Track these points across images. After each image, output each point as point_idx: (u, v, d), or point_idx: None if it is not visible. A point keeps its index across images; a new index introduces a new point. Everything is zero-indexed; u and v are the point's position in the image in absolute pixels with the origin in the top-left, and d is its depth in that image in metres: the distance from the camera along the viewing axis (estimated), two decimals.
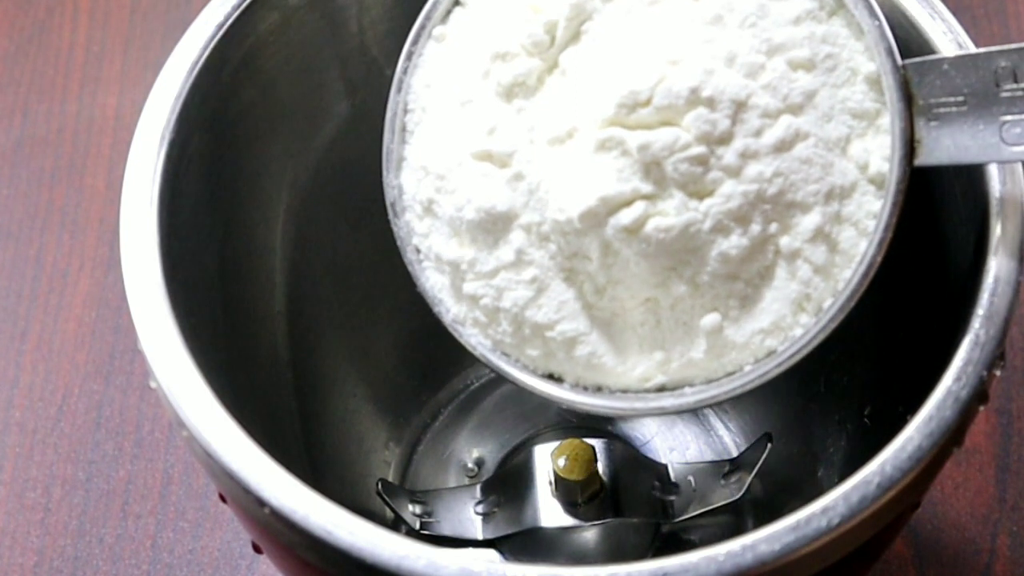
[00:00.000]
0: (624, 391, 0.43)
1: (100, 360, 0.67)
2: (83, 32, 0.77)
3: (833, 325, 0.41)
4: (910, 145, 0.41)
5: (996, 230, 0.42)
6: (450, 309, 0.44)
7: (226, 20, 0.47)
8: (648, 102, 0.40)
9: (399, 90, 0.45)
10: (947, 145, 0.40)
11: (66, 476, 0.65)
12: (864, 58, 0.42)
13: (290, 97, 0.51)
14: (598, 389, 0.44)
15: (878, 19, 0.41)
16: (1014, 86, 0.39)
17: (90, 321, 0.69)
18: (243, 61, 0.48)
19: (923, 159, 0.41)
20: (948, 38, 0.44)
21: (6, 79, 0.76)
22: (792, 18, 0.42)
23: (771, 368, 0.42)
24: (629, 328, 0.43)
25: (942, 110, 0.40)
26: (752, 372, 0.42)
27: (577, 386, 0.44)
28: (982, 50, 0.40)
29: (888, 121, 0.41)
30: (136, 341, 0.42)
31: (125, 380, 0.67)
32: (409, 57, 0.45)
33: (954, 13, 0.45)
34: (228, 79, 0.48)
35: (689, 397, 0.43)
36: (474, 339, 0.44)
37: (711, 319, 0.42)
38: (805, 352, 0.42)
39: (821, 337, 0.41)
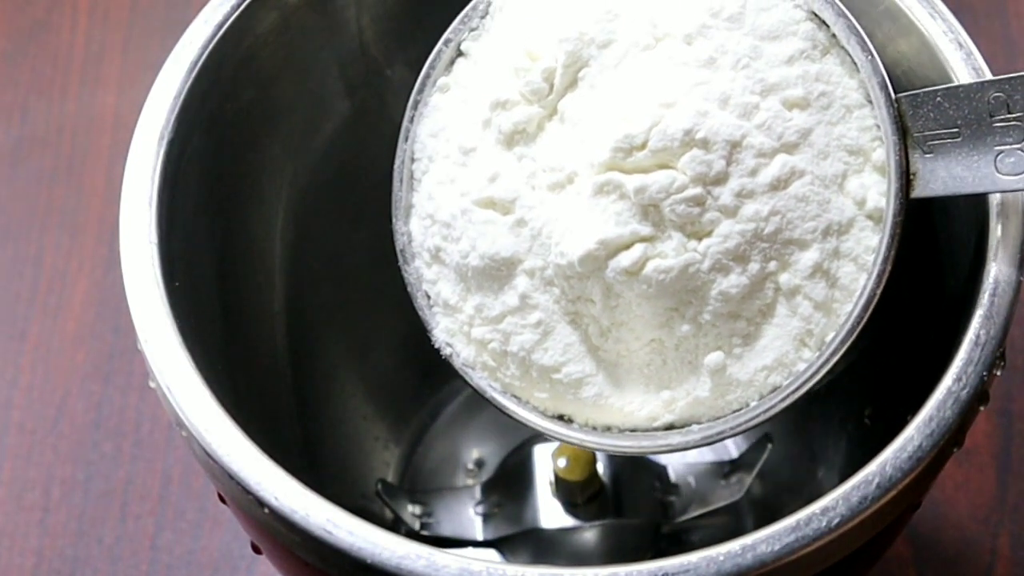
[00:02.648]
0: (632, 430, 0.44)
1: (99, 360, 0.67)
2: (82, 32, 0.77)
3: (835, 358, 0.42)
4: (906, 178, 0.41)
5: (996, 231, 0.42)
6: (460, 353, 0.45)
7: (225, 20, 0.47)
8: (644, 145, 0.40)
9: (406, 139, 0.45)
10: (942, 176, 0.41)
11: (65, 476, 0.65)
12: (858, 95, 0.42)
13: (290, 97, 0.51)
14: (607, 429, 0.44)
15: (871, 53, 0.41)
16: (1007, 116, 0.39)
17: (89, 321, 0.68)
18: (242, 61, 0.48)
19: (919, 191, 0.41)
20: (948, 38, 0.44)
21: (5, 79, 0.76)
22: (785, 58, 0.42)
23: (776, 403, 0.42)
24: (635, 369, 0.43)
25: (936, 142, 0.41)
26: (757, 408, 0.42)
27: (586, 426, 0.44)
28: (974, 81, 0.40)
29: (883, 156, 0.42)
30: (136, 341, 0.42)
31: (124, 380, 0.67)
32: (415, 107, 0.45)
33: (954, 13, 0.45)
34: (227, 79, 0.48)
35: (696, 434, 0.43)
36: (484, 382, 0.45)
37: (714, 358, 0.42)
38: (809, 386, 0.42)
39: (824, 370, 0.42)
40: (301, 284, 0.55)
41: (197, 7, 0.47)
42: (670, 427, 0.43)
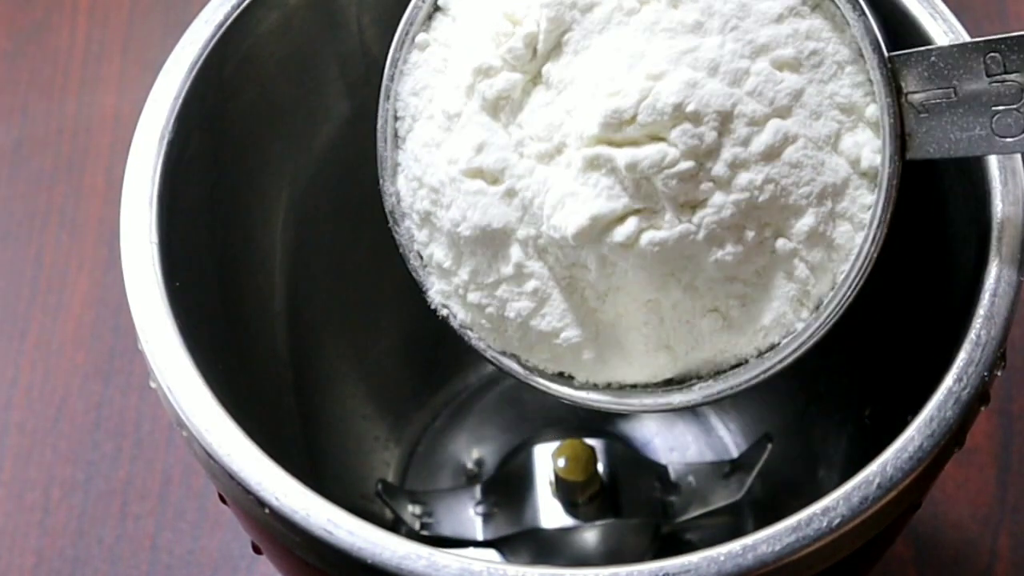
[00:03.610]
0: (634, 386, 0.44)
1: (99, 360, 0.67)
2: (82, 32, 0.77)
3: (833, 319, 0.41)
4: (901, 139, 0.41)
5: (997, 231, 0.42)
6: (457, 315, 0.45)
7: (225, 20, 0.47)
8: (633, 119, 0.40)
9: (387, 97, 0.45)
10: (938, 138, 0.40)
11: (65, 477, 0.65)
12: (849, 50, 0.42)
13: (290, 97, 0.51)
14: (607, 386, 0.44)
15: (863, 12, 0.41)
16: (1004, 76, 0.39)
17: (89, 321, 0.68)
18: (243, 61, 0.48)
19: (914, 153, 0.41)
20: (949, 39, 0.44)
21: (5, 79, 0.76)
22: (775, 16, 0.41)
23: (775, 363, 0.42)
24: (633, 328, 0.43)
25: (932, 102, 0.40)
26: (757, 367, 0.42)
27: (587, 384, 0.44)
28: (970, 40, 0.39)
29: (876, 111, 0.41)
30: (136, 341, 0.42)
31: (125, 380, 0.67)
32: (394, 64, 0.45)
33: (954, 13, 0.45)
34: (227, 79, 0.48)
35: (696, 393, 0.43)
36: (483, 343, 0.44)
37: (711, 319, 0.42)
38: (808, 346, 0.42)
39: (822, 332, 0.41)
40: (301, 284, 0.55)
41: (197, 7, 0.47)
42: (670, 382, 0.43)
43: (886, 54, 0.41)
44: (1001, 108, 0.39)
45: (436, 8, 0.45)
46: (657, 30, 0.41)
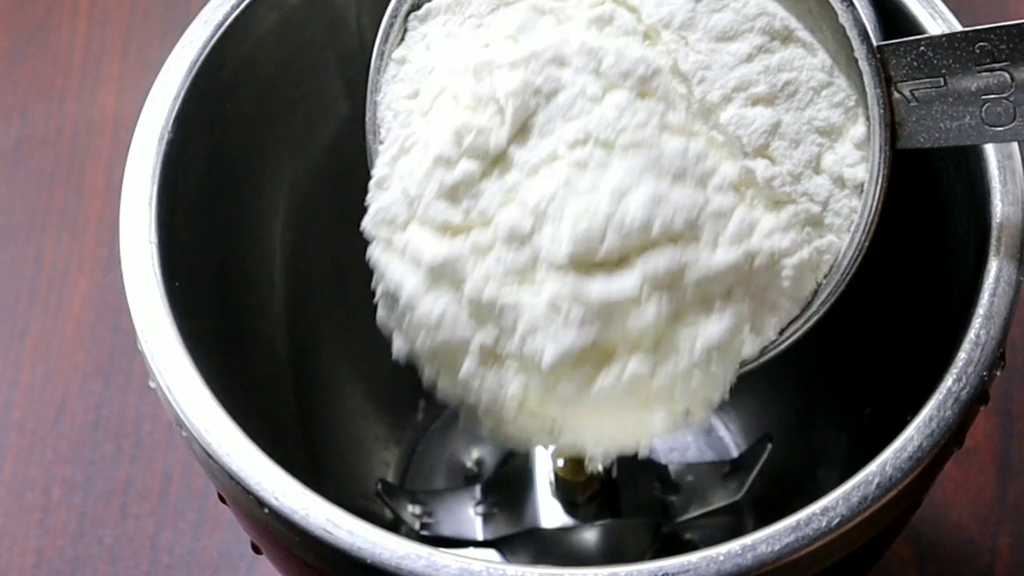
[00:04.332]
0: None
1: (99, 360, 0.67)
2: (82, 32, 0.77)
3: (823, 309, 0.42)
4: (891, 128, 0.41)
5: (997, 231, 0.42)
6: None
7: (225, 20, 0.47)
8: (603, 238, 0.40)
9: (376, 89, 0.45)
10: (928, 127, 0.40)
11: (65, 477, 0.65)
12: (824, 74, 0.42)
13: (290, 97, 0.51)
14: None
15: (851, 3, 0.41)
16: (993, 66, 0.39)
17: (89, 321, 0.68)
18: (242, 61, 0.48)
19: (904, 142, 0.41)
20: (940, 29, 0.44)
21: (5, 79, 0.76)
22: (744, 56, 0.42)
23: (780, 340, 0.42)
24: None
25: (921, 91, 0.40)
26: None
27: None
28: (959, 30, 0.39)
29: (859, 131, 0.41)
30: (136, 341, 0.42)
31: (124, 380, 0.67)
32: (380, 55, 0.45)
33: (954, 13, 0.45)
34: (228, 79, 0.48)
35: None
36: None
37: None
38: (799, 334, 0.42)
39: (814, 320, 0.42)
40: (301, 284, 0.55)
41: (197, 7, 0.47)
42: None
43: (875, 43, 0.41)
44: (991, 97, 0.39)
45: (412, 15, 0.45)
46: (620, 118, 0.41)
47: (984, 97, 0.39)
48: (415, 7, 0.45)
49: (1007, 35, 0.38)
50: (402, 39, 0.45)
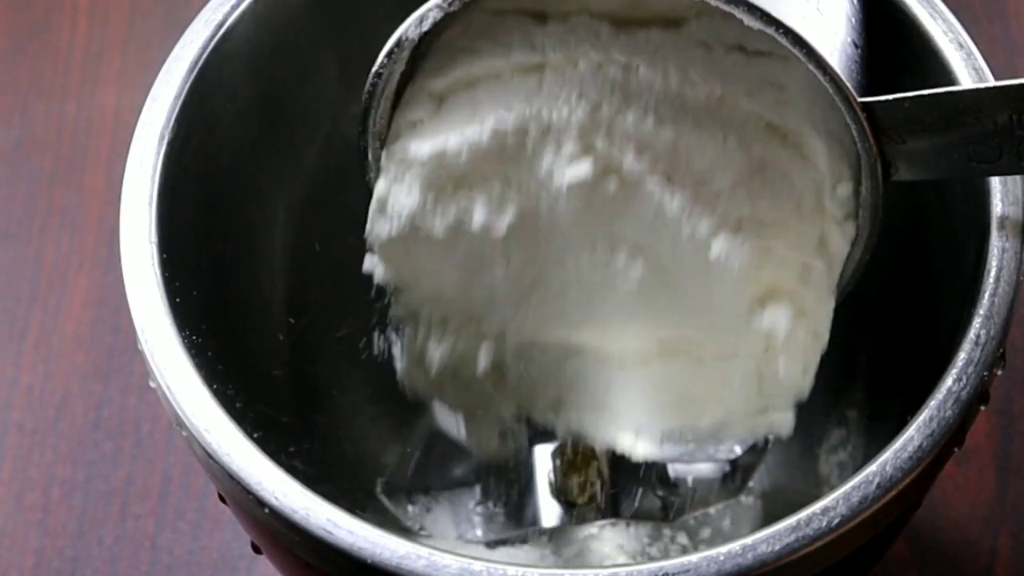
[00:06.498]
0: None
1: (99, 360, 0.67)
2: (82, 32, 0.77)
3: None
4: (885, 169, 0.41)
5: (997, 231, 0.42)
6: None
7: (225, 20, 0.47)
8: None
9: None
10: (915, 165, 0.41)
11: (65, 477, 0.65)
12: (812, 197, 0.42)
13: (290, 97, 0.51)
14: None
15: (829, 75, 0.40)
16: (977, 120, 0.39)
17: (89, 321, 0.68)
18: (243, 61, 0.48)
19: (895, 176, 0.41)
20: (949, 38, 0.44)
21: (4, 79, 0.76)
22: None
23: None
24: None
25: (908, 133, 0.41)
26: None
27: None
28: (941, 90, 0.40)
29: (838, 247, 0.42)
30: (136, 341, 0.42)
31: (124, 380, 0.67)
32: (378, 75, 0.45)
33: (954, 13, 0.45)
34: (227, 79, 0.48)
35: None
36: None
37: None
38: None
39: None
40: (301, 284, 0.55)
41: (197, 7, 0.47)
42: None
43: (858, 101, 0.40)
44: (977, 139, 0.39)
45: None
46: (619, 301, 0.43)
47: (970, 141, 0.39)
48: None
49: (990, 96, 0.39)
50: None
